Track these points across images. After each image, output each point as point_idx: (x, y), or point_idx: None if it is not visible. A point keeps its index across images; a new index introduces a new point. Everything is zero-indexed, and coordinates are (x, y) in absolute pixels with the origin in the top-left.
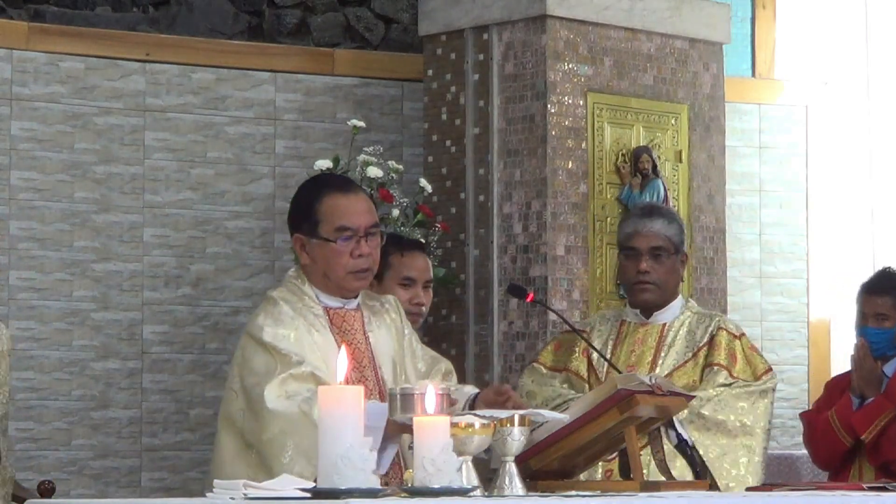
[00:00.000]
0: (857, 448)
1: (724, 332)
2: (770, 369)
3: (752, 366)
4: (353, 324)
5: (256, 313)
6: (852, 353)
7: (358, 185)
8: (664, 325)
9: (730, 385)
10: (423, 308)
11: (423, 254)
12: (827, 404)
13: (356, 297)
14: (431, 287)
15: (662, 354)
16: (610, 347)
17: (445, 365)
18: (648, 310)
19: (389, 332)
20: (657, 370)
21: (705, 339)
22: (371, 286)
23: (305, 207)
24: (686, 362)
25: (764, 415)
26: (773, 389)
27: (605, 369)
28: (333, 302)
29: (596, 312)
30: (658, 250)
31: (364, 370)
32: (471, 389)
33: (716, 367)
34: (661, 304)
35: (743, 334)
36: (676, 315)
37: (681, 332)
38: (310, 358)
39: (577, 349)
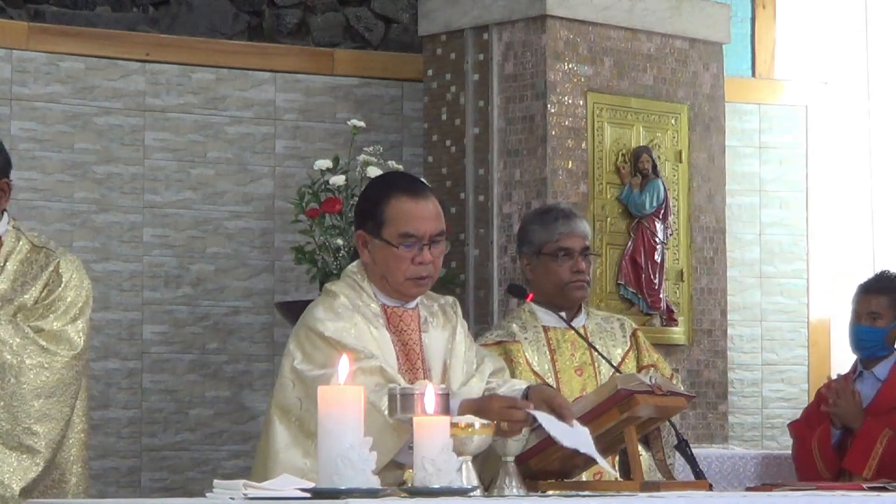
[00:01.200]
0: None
1: (639, 332)
2: (674, 373)
3: (660, 366)
4: (410, 323)
5: (314, 305)
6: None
7: (428, 189)
8: (584, 326)
9: None
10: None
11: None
12: (816, 413)
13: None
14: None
15: (597, 356)
16: (548, 356)
17: (492, 364)
18: (569, 311)
19: (444, 334)
20: (601, 373)
21: (629, 341)
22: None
23: (372, 206)
24: (621, 363)
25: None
26: None
27: (553, 376)
28: (391, 301)
29: (503, 320)
30: (586, 250)
31: (416, 372)
32: (520, 384)
33: (652, 369)
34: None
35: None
36: (586, 317)
37: (599, 333)
38: (374, 352)
39: (518, 359)
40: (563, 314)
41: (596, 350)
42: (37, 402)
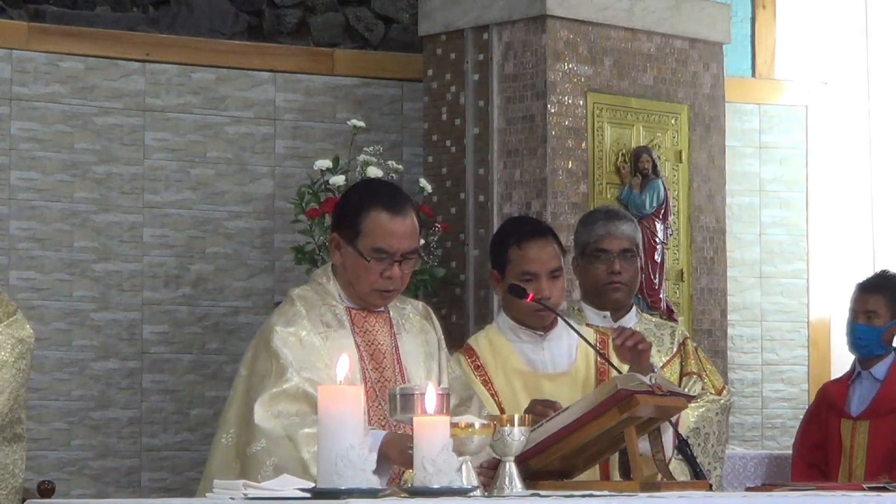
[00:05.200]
0: (843, 457)
1: (689, 341)
2: (725, 385)
3: (711, 379)
4: (375, 325)
5: (274, 312)
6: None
7: (409, 204)
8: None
9: (703, 397)
10: (551, 302)
11: (543, 240)
12: (815, 419)
13: None
14: (561, 276)
15: None
16: None
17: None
18: (616, 313)
19: (420, 338)
20: None
21: (675, 348)
22: (497, 283)
23: (350, 214)
24: (663, 367)
25: (727, 428)
26: (731, 404)
27: None
28: (355, 303)
29: None
30: (627, 252)
31: (384, 371)
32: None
33: (694, 377)
34: (627, 305)
35: (697, 346)
36: (636, 320)
37: (648, 337)
38: (309, 362)
39: None
40: (606, 314)
41: (596, 350)
42: (20, 392)
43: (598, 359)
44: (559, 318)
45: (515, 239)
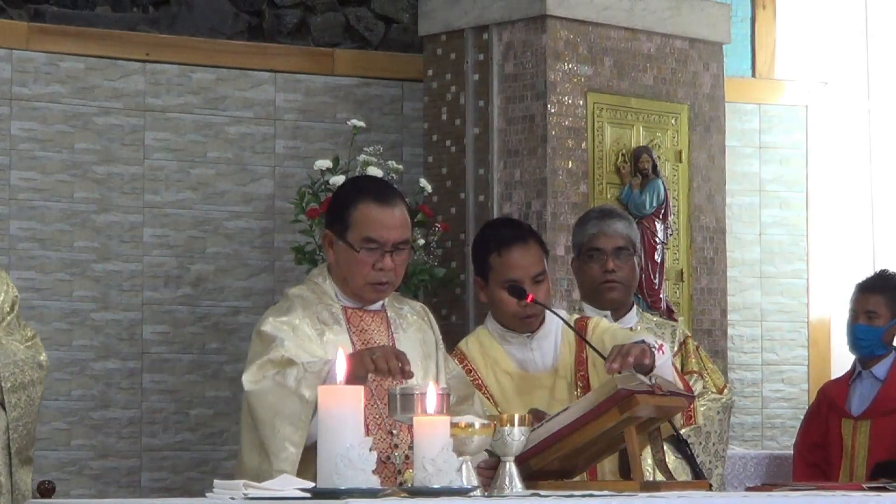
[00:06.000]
0: (844, 457)
1: (690, 339)
2: (727, 384)
3: (713, 377)
4: (371, 324)
5: (269, 309)
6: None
7: (398, 196)
8: (630, 328)
9: (705, 396)
10: (536, 306)
11: (523, 246)
12: (816, 419)
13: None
14: (545, 279)
15: None
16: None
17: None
18: (616, 312)
19: (417, 337)
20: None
21: (676, 347)
22: (481, 289)
23: (340, 208)
24: None
25: (729, 426)
26: (732, 403)
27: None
28: (352, 303)
29: None
30: (621, 250)
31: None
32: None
33: (695, 376)
34: (626, 304)
35: (698, 345)
36: (637, 319)
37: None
38: (299, 344)
39: None
40: (607, 313)
41: (593, 348)
42: (35, 415)
43: (578, 350)
44: (545, 319)
45: (495, 246)
